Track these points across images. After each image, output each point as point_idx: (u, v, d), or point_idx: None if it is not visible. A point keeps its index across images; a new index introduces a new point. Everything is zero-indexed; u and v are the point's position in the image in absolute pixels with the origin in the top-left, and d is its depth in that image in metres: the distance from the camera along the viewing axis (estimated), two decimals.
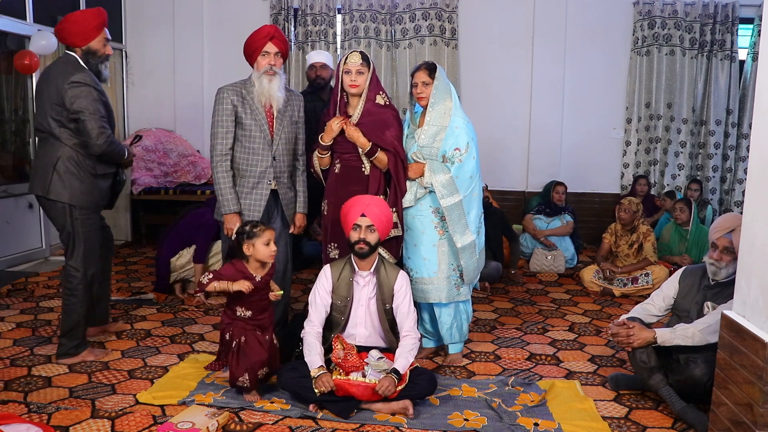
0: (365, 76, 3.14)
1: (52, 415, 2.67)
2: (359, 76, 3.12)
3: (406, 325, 2.93)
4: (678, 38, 6.20)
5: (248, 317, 2.85)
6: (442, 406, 2.84)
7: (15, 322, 3.84)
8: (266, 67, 3.15)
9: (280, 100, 3.22)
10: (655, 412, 2.84)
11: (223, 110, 3.19)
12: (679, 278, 3.02)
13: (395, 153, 3.17)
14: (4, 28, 5.03)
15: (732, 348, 2.17)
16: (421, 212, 3.24)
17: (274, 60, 3.16)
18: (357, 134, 3.13)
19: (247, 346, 2.80)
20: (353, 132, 3.13)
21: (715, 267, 2.83)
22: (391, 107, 3.25)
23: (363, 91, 3.17)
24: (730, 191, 6.40)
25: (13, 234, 5.12)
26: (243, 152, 3.23)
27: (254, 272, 2.84)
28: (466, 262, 3.21)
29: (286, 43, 3.26)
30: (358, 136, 3.13)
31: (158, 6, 6.52)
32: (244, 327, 2.84)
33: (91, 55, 3.15)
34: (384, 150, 3.16)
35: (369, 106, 3.18)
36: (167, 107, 6.60)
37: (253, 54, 3.18)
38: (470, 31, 6.30)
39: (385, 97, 3.23)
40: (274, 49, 3.16)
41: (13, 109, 5.44)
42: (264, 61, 3.16)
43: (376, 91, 3.21)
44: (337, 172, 3.27)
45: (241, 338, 2.82)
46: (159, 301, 4.34)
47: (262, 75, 3.17)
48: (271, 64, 3.16)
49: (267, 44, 3.14)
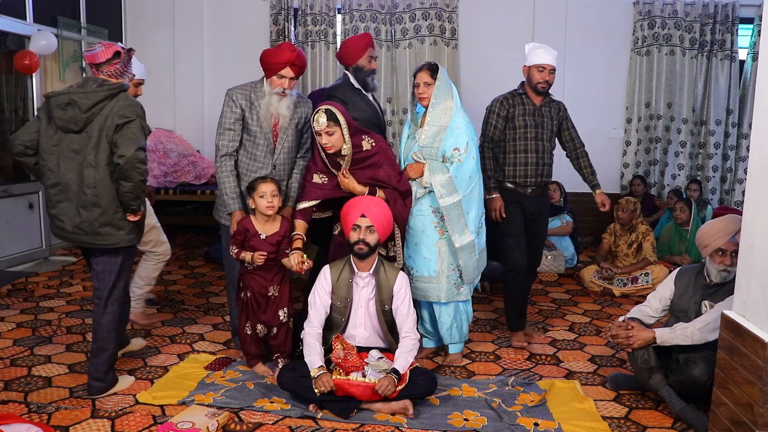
0: (338, 134, 3.02)
1: (52, 415, 2.67)
2: (330, 137, 3.01)
3: (405, 326, 2.92)
4: (678, 38, 6.20)
5: (253, 269, 3.05)
6: (442, 406, 2.84)
7: (15, 322, 3.84)
8: (279, 89, 3.14)
9: (287, 118, 3.21)
10: (655, 412, 2.84)
11: (231, 113, 3.18)
12: (674, 279, 3.02)
13: (393, 186, 3.13)
14: (4, 28, 5.02)
15: (732, 348, 2.17)
16: (421, 212, 3.25)
17: (288, 84, 3.14)
18: (353, 184, 3.10)
19: (253, 301, 3.06)
20: (347, 183, 3.10)
21: (727, 273, 2.80)
22: (378, 146, 3.15)
23: (340, 147, 3.06)
24: (730, 191, 6.40)
25: (13, 234, 5.12)
26: (246, 157, 3.23)
27: (261, 228, 3.03)
28: (466, 261, 3.21)
29: (304, 67, 3.21)
30: (354, 186, 3.10)
31: (158, 6, 6.52)
32: (251, 281, 3.06)
33: (358, 71, 3.64)
34: (382, 187, 3.12)
35: (358, 155, 3.11)
36: (167, 107, 6.60)
37: (269, 72, 3.14)
38: (470, 31, 6.30)
39: (369, 140, 3.13)
40: (290, 74, 3.12)
41: (13, 109, 5.44)
42: (278, 82, 3.13)
43: (359, 139, 3.10)
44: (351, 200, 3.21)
45: (247, 293, 3.06)
46: (159, 301, 4.33)
47: (274, 94, 3.15)
48: (284, 87, 3.14)
49: (285, 69, 3.11)
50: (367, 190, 3.10)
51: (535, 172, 3.56)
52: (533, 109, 3.54)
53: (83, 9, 5.95)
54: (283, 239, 3.05)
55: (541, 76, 3.48)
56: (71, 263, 5.28)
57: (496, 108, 3.55)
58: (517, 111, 3.53)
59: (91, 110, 2.73)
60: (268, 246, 3.02)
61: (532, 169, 3.55)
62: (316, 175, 3.17)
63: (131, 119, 2.73)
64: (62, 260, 5.39)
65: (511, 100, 3.55)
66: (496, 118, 3.54)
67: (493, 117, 3.55)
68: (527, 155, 3.55)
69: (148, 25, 6.55)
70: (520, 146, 3.55)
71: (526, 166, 3.55)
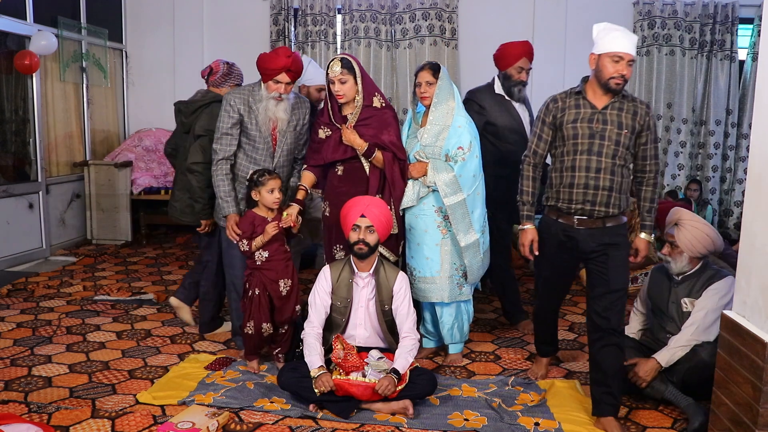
0: (350, 83, 3.09)
1: (52, 415, 2.67)
2: (342, 85, 3.08)
3: (405, 326, 2.92)
4: (678, 38, 6.20)
5: (265, 259, 3.07)
6: (442, 406, 2.84)
7: (15, 322, 3.84)
8: (275, 93, 3.15)
9: (284, 121, 3.23)
10: (655, 412, 2.84)
11: (229, 118, 3.19)
12: (649, 276, 3.12)
13: (393, 152, 3.16)
14: (4, 28, 5.03)
15: (732, 348, 2.17)
16: (424, 211, 3.24)
17: (284, 89, 3.15)
18: (353, 137, 3.12)
19: (259, 299, 3.07)
20: (350, 135, 3.12)
21: (669, 263, 2.95)
22: (389, 107, 3.23)
23: (352, 98, 3.14)
24: (730, 191, 6.40)
25: (13, 234, 5.12)
26: (245, 160, 3.24)
27: (265, 215, 3.08)
28: (470, 261, 3.21)
29: (300, 72, 3.22)
30: (354, 138, 3.12)
31: (158, 6, 6.52)
32: (260, 279, 3.07)
33: (506, 78, 3.69)
34: (382, 149, 3.15)
35: (366, 110, 3.16)
36: (167, 107, 6.55)
37: (265, 76, 3.15)
38: (470, 31, 6.30)
39: (381, 98, 3.20)
40: (286, 79, 3.13)
41: (13, 109, 5.44)
42: (274, 87, 3.14)
43: (371, 93, 3.18)
44: (339, 174, 3.26)
45: (255, 290, 3.07)
46: (159, 301, 4.34)
47: (271, 98, 3.16)
48: (280, 92, 3.15)
49: (281, 75, 3.12)
50: (366, 146, 3.12)
51: (583, 197, 2.68)
52: (591, 114, 2.69)
53: (83, 9, 5.95)
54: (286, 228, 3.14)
55: (616, 69, 2.61)
56: (71, 263, 5.29)
57: (542, 114, 2.82)
58: (568, 116, 2.73)
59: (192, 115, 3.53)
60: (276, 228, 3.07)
61: (579, 193, 2.69)
62: (320, 130, 3.23)
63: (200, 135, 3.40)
64: (62, 260, 5.39)
65: (561, 102, 2.77)
66: (541, 126, 2.81)
67: (538, 125, 2.83)
68: (574, 174, 2.70)
69: (148, 25, 6.55)
70: (567, 162, 2.73)
71: (570, 189, 2.71)
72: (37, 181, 5.39)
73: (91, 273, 5.02)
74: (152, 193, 5.97)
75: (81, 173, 6.00)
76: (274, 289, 3.08)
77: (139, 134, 6.42)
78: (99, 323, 3.86)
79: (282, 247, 3.11)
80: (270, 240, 3.04)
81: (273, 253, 3.07)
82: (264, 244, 3.04)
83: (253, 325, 3.08)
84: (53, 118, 5.68)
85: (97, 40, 6.14)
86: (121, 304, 4.22)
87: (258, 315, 3.08)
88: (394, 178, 3.17)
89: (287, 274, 3.12)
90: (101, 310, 4.11)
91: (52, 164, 5.68)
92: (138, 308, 4.17)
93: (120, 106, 6.65)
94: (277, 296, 3.09)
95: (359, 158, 3.19)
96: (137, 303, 4.26)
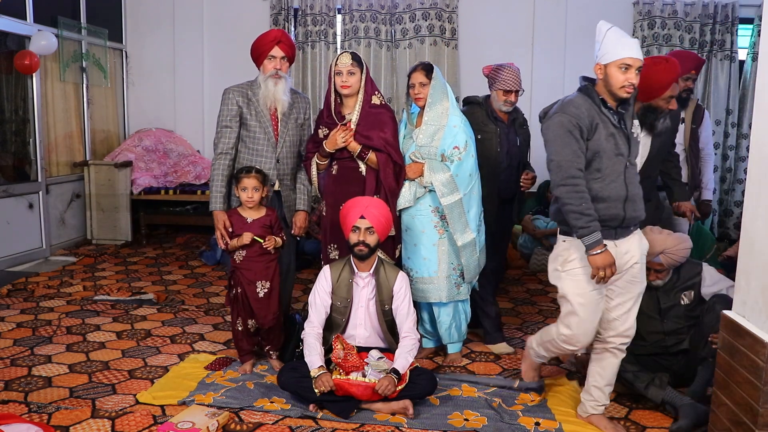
0: (357, 76, 3.12)
1: (52, 415, 2.67)
2: (350, 77, 3.10)
3: (405, 326, 2.92)
4: (678, 38, 6.19)
5: (243, 258, 3.07)
6: (442, 406, 2.84)
7: (15, 322, 3.84)
8: (272, 71, 3.16)
9: (285, 103, 3.23)
10: (655, 412, 2.84)
11: (228, 111, 3.21)
12: None
13: (388, 153, 3.15)
14: (4, 28, 5.03)
15: (732, 348, 2.17)
16: (420, 212, 3.24)
17: (280, 64, 3.17)
18: (349, 137, 3.12)
19: (242, 297, 3.09)
20: (346, 135, 3.12)
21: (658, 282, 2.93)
22: (387, 107, 3.23)
23: (355, 92, 3.15)
24: (730, 191, 6.40)
25: (13, 234, 5.12)
26: (247, 153, 3.25)
27: (247, 214, 3.09)
28: (467, 260, 3.22)
29: (293, 48, 3.25)
30: (349, 140, 3.12)
31: (158, 6, 6.52)
32: (241, 277, 3.08)
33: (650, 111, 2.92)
34: (376, 150, 3.14)
35: (366, 108, 3.16)
36: (167, 107, 6.60)
37: (260, 57, 3.18)
38: (470, 31, 6.30)
39: (380, 96, 3.22)
40: (280, 53, 3.16)
41: (14, 109, 5.44)
42: (270, 65, 3.16)
43: (371, 91, 3.20)
44: (334, 174, 3.27)
45: (238, 288, 3.09)
46: (159, 301, 4.34)
47: (268, 78, 3.17)
48: (277, 68, 3.16)
49: (274, 48, 3.15)
50: (359, 149, 3.13)
51: None
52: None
53: (83, 9, 5.95)
54: (271, 226, 3.11)
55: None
56: (71, 263, 5.29)
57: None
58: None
59: None
60: (256, 229, 3.06)
61: None
62: (319, 130, 3.25)
63: None
64: (62, 260, 5.39)
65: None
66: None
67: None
68: None
69: (148, 25, 6.55)
70: None
71: None
72: (37, 181, 5.39)
73: (91, 273, 5.03)
74: (152, 193, 5.97)
75: (81, 173, 6.00)
76: (252, 290, 3.07)
77: (139, 134, 6.42)
78: (99, 323, 3.86)
79: (261, 248, 3.08)
80: None
81: (250, 253, 3.07)
82: (240, 246, 3.06)
83: (240, 321, 3.12)
84: (53, 118, 5.68)
85: (97, 40, 6.14)
86: (121, 304, 4.22)
87: (243, 314, 3.11)
88: (386, 178, 3.16)
89: (266, 276, 3.09)
90: (101, 310, 4.11)
91: (52, 164, 5.68)
92: (138, 308, 4.17)
93: (120, 106, 6.65)
94: (253, 297, 3.07)
95: (354, 158, 3.19)
96: (137, 303, 4.27)
